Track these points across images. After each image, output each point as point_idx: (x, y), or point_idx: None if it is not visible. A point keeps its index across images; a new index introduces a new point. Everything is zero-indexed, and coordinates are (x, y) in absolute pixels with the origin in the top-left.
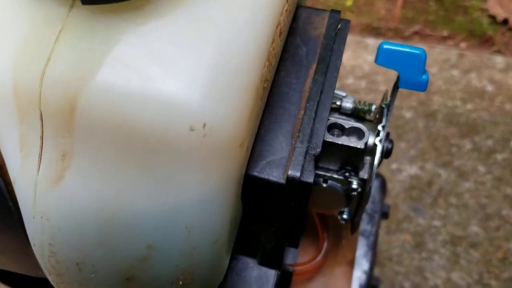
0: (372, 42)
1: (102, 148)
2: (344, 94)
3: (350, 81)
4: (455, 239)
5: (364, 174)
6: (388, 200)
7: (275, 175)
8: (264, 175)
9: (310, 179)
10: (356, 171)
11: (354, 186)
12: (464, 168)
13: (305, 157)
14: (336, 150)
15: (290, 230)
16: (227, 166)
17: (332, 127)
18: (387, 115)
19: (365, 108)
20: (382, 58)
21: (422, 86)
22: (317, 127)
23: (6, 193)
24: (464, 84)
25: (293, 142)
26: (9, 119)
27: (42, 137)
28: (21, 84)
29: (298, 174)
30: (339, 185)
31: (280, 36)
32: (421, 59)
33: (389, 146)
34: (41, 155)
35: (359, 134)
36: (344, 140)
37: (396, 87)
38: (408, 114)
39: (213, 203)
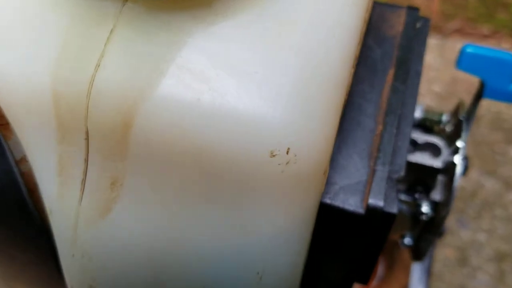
0: None
1: (160, 175)
2: None
3: None
4: (500, 254)
5: (436, 195)
6: None
7: (352, 203)
8: (339, 203)
9: (394, 209)
10: (427, 192)
11: (424, 209)
12: (509, 178)
13: (387, 182)
14: (407, 168)
15: (362, 265)
16: (308, 198)
17: None
18: (466, 129)
19: (435, 118)
20: (466, 63)
21: (511, 97)
22: (399, 145)
23: (39, 223)
24: None
25: (371, 164)
26: (46, 136)
27: (87, 160)
28: (63, 94)
29: (381, 203)
30: (405, 207)
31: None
32: (511, 65)
33: (466, 163)
34: (84, 182)
35: (434, 150)
36: (418, 158)
37: (478, 97)
38: None
39: (290, 243)
